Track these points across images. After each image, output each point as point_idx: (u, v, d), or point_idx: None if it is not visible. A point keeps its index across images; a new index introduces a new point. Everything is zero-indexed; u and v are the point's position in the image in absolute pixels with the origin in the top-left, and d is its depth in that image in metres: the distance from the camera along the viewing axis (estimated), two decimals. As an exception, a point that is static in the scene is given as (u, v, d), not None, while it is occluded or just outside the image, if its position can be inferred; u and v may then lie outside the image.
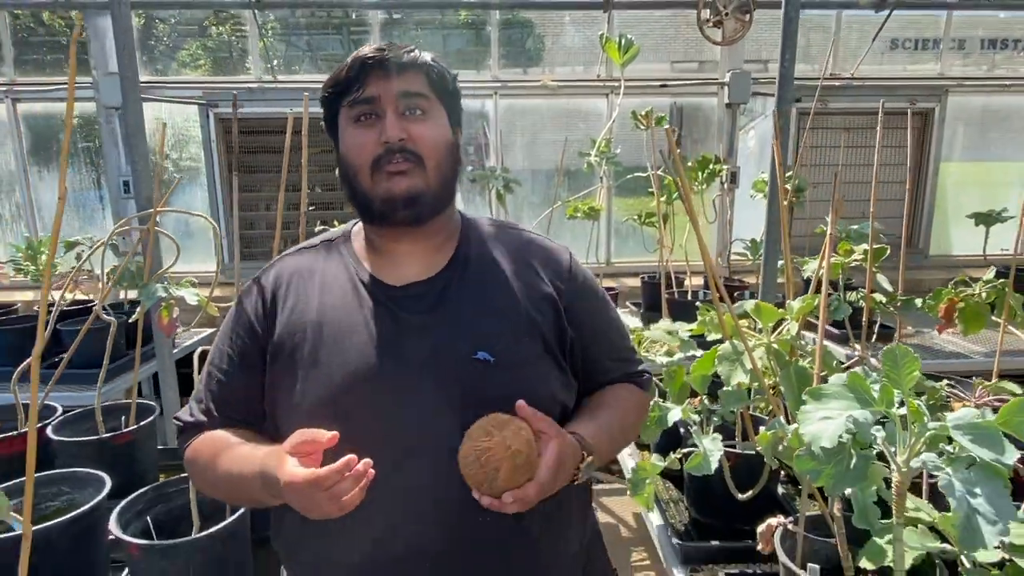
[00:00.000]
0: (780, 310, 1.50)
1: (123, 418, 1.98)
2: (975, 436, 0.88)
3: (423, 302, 0.99)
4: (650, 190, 3.70)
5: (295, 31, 4.69)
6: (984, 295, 2.10)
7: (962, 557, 1.18)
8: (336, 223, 3.55)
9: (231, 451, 0.96)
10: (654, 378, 1.34)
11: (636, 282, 4.01)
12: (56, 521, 1.33)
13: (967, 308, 2.11)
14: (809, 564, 1.25)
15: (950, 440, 0.93)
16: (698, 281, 3.78)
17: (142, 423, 1.88)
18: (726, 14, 3.96)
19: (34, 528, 1.32)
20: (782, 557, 1.26)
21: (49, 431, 1.81)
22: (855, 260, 1.84)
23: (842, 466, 0.93)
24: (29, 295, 4.18)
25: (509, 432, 0.83)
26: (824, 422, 0.95)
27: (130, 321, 2.04)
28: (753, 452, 1.58)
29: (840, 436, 0.89)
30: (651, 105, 3.94)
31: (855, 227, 2.56)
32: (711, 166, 3.91)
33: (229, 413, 1.03)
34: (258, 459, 0.89)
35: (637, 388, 1.15)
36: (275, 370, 0.98)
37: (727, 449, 1.54)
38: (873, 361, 2.34)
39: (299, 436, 0.83)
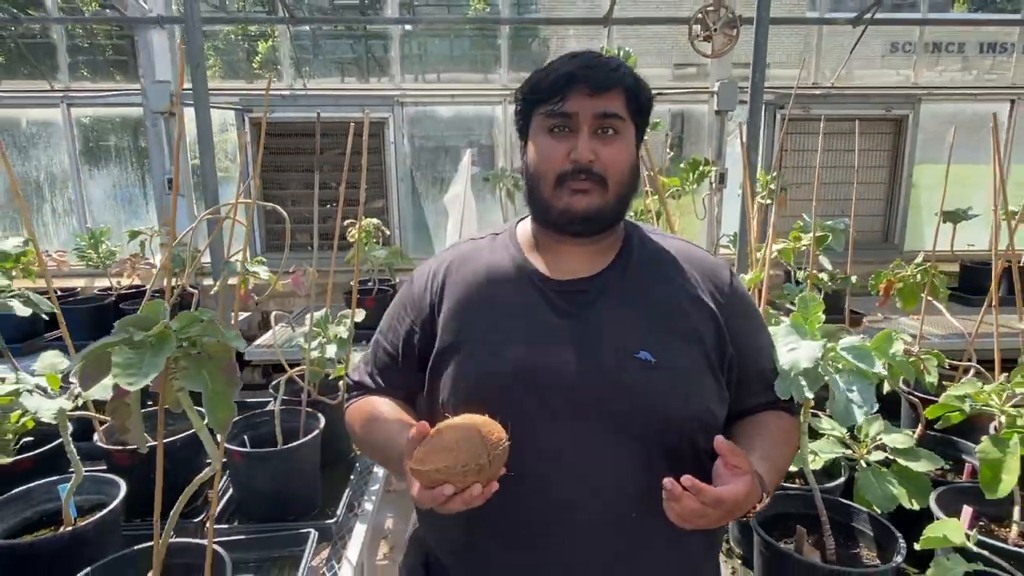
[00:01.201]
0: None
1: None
2: (855, 354, 1.29)
3: (585, 297, 1.01)
4: (645, 189, 4.12)
5: (311, 39, 5.11)
6: (919, 277, 2.51)
7: (861, 461, 1.59)
8: (363, 218, 3.95)
9: (381, 425, 1.04)
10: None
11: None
12: (175, 437, 1.75)
13: (904, 288, 2.52)
14: (749, 467, 1.66)
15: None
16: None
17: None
18: (715, 30, 4.36)
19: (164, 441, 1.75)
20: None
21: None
22: (803, 245, 2.24)
23: (809, 379, 1.29)
24: (80, 282, 4.60)
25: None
26: (793, 352, 1.29)
27: (211, 293, 2.43)
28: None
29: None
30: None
31: (829, 222, 2.98)
32: (701, 167, 4.32)
33: (389, 382, 1.12)
34: (400, 447, 0.90)
35: (788, 414, 1.12)
36: (440, 347, 1.02)
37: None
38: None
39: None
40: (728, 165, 4.90)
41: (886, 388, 1.89)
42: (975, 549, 1.02)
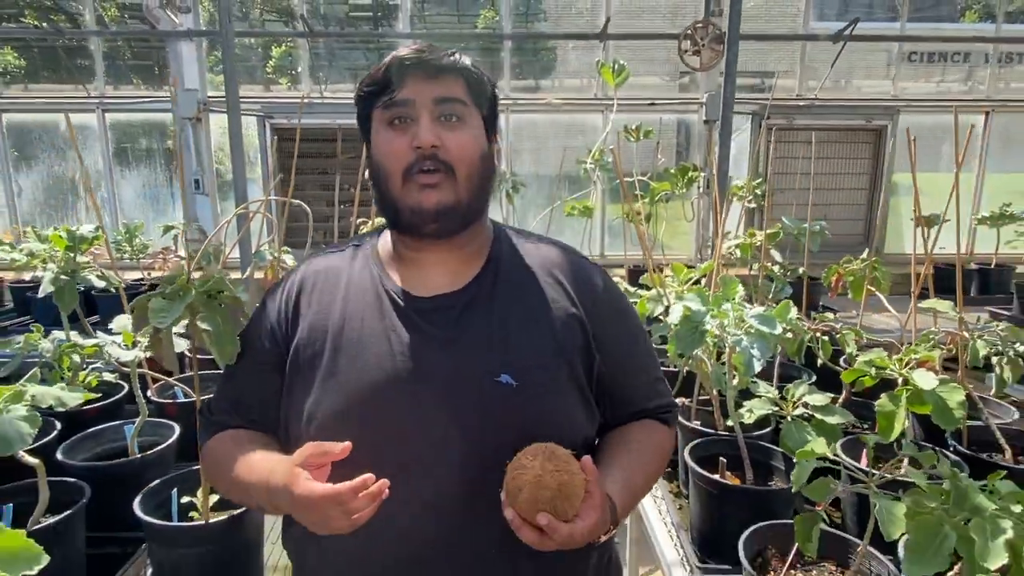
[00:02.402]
0: (689, 269, 2.23)
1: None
2: (760, 320, 1.62)
3: (448, 315, 0.94)
4: (636, 193, 4.45)
5: (326, 48, 5.48)
6: (867, 271, 2.82)
7: (787, 416, 1.91)
8: (372, 216, 4.31)
9: (242, 457, 0.94)
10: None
11: (624, 272, 4.74)
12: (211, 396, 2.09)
13: (854, 280, 2.83)
14: (696, 422, 1.98)
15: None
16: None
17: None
18: (703, 45, 4.68)
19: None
20: (682, 420, 1.98)
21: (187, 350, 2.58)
22: (758, 242, 2.55)
23: (687, 339, 1.65)
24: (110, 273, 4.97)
25: (550, 467, 0.79)
26: (678, 312, 1.67)
27: (243, 278, 2.77)
28: (672, 367, 2.31)
29: (686, 315, 1.63)
30: (639, 120, 4.69)
31: (805, 225, 3.30)
32: (690, 173, 4.64)
33: (246, 414, 1.01)
34: (265, 471, 0.87)
35: (662, 425, 1.07)
36: (292, 375, 0.95)
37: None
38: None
39: (311, 448, 0.81)
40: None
41: (819, 361, 2.21)
42: (834, 457, 1.33)
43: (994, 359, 1.72)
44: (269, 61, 6.32)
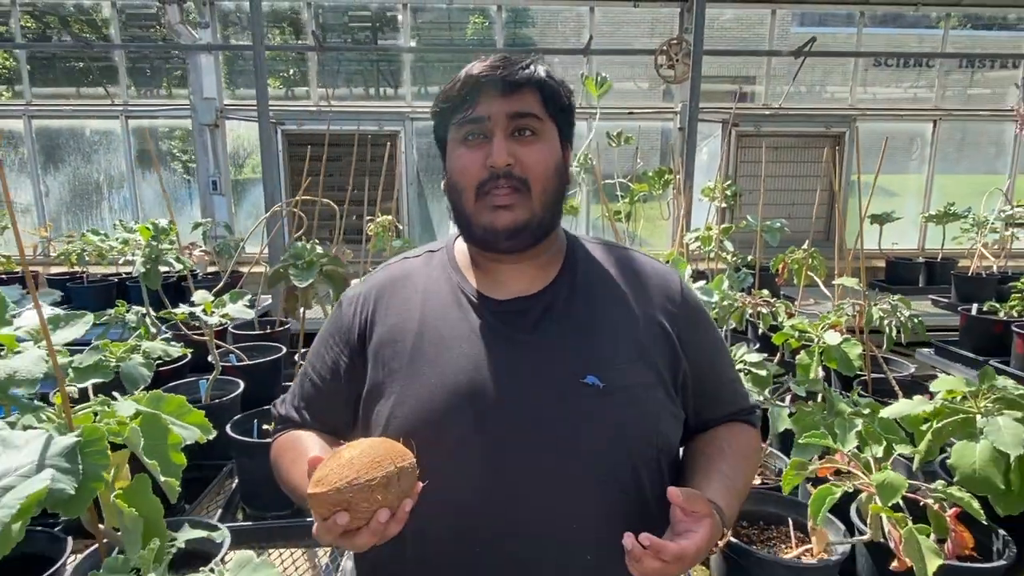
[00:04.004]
0: (655, 254, 2.73)
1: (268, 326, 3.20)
2: (701, 291, 2.10)
3: (527, 318, 0.95)
4: (617, 193, 4.94)
5: (332, 58, 5.92)
6: (810, 261, 3.32)
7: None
8: (378, 214, 4.76)
9: (300, 462, 0.94)
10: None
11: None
12: (262, 360, 2.54)
13: (798, 268, 3.33)
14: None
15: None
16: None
17: (285, 326, 3.10)
18: (677, 60, 5.18)
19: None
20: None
21: (231, 328, 3.03)
22: (715, 236, 3.04)
23: None
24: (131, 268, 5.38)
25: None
26: None
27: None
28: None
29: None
30: (621, 127, 5.19)
31: (768, 223, 3.81)
32: (666, 176, 5.14)
33: (316, 416, 1.04)
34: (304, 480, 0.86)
35: (749, 427, 1.06)
36: (372, 378, 0.96)
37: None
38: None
39: None
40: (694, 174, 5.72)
41: (760, 330, 2.70)
42: (760, 398, 1.82)
43: (884, 322, 2.21)
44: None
